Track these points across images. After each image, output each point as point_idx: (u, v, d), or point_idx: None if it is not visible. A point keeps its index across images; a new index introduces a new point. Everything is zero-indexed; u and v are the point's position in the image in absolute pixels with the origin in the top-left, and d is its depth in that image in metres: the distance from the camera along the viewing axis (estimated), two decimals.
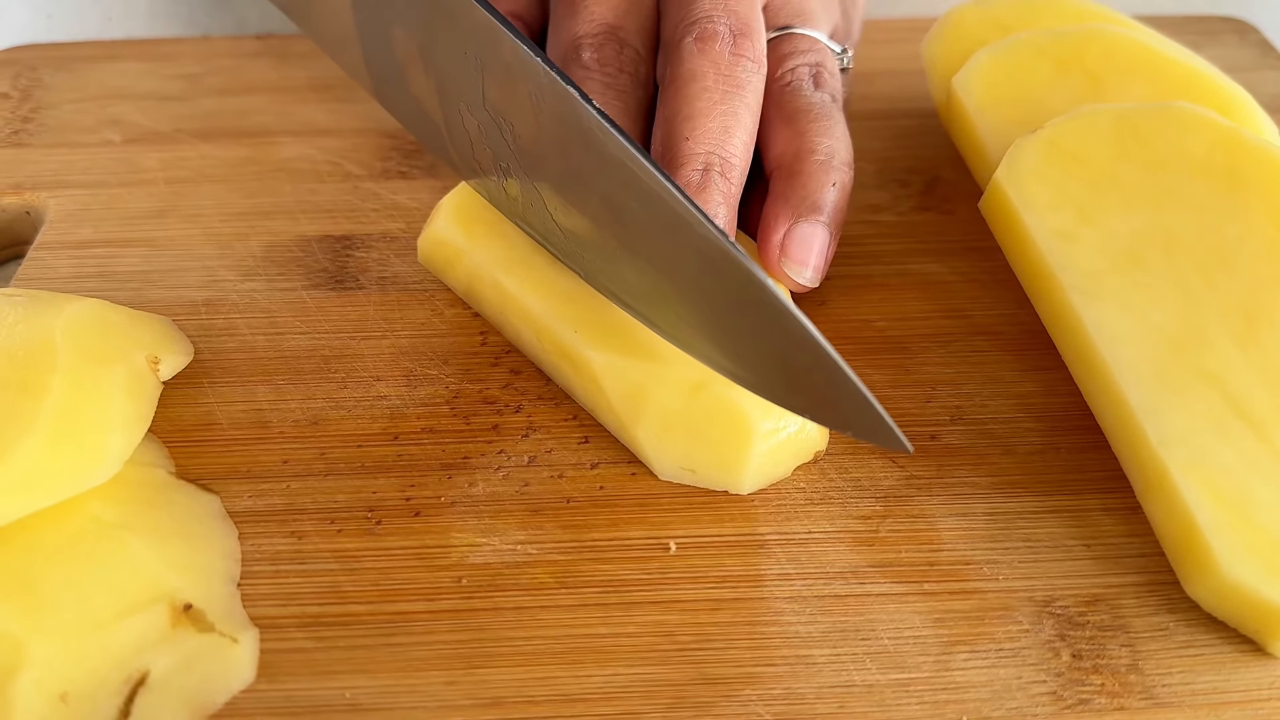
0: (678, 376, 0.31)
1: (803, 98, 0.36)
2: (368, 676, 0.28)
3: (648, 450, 0.32)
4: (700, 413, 0.31)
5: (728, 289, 0.28)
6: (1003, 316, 0.37)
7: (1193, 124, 0.35)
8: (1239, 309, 0.31)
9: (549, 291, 0.33)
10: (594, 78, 0.35)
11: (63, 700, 0.26)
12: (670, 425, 0.31)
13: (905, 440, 0.27)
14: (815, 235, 0.34)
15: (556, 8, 0.38)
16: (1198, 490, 0.29)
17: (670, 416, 0.31)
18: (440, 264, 0.37)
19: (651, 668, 0.28)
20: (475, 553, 0.30)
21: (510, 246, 0.35)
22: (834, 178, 0.34)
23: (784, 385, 0.29)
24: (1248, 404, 0.30)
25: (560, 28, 0.36)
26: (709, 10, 0.34)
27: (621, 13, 0.36)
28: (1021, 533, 0.31)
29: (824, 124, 0.35)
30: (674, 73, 0.34)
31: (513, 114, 0.31)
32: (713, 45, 0.33)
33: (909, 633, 0.28)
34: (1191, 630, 0.29)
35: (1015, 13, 0.42)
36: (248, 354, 0.35)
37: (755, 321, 0.28)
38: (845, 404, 0.28)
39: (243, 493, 0.32)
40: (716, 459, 0.31)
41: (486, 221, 0.35)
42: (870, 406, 0.27)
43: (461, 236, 0.35)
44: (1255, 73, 0.49)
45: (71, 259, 0.39)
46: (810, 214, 0.34)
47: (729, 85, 0.33)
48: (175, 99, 0.46)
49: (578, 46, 0.35)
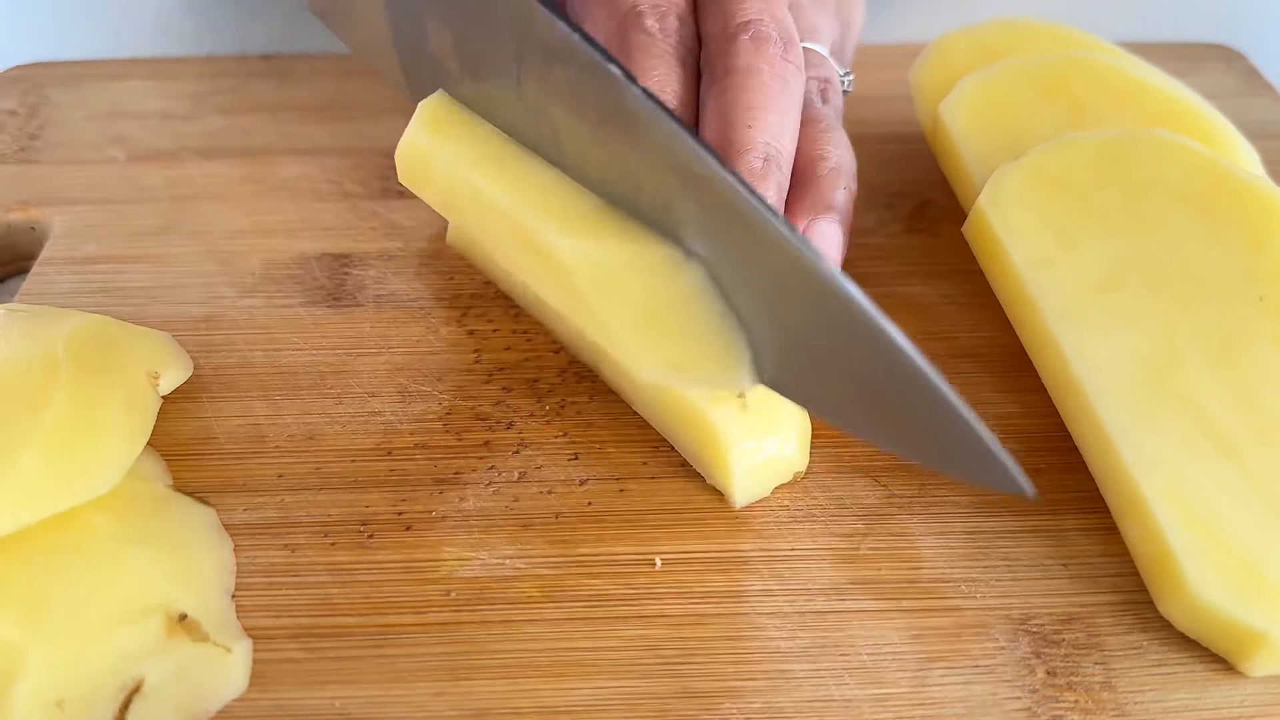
0: (656, 257, 0.29)
1: (814, 109, 0.36)
2: (357, 687, 0.28)
3: (629, 347, 0.29)
4: (680, 295, 0.29)
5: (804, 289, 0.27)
6: (986, 339, 0.38)
7: (1172, 152, 0.35)
8: (1215, 334, 0.32)
9: (520, 182, 0.32)
10: (658, 45, 0.34)
11: (59, 707, 0.27)
12: (649, 312, 0.29)
13: (1025, 482, 0.25)
14: (832, 232, 0.33)
15: None
16: (1171, 512, 0.29)
17: (650, 304, 0.29)
18: (418, 174, 0.34)
19: (635, 681, 0.28)
20: (464, 566, 0.31)
21: (482, 144, 0.33)
22: (844, 183, 0.34)
23: (868, 411, 0.27)
24: (1222, 427, 0.31)
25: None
26: (759, 13, 0.34)
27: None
28: (1000, 551, 0.31)
29: (833, 135, 0.35)
30: (731, 65, 0.33)
31: (551, 102, 0.30)
32: (767, 46, 0.33)
33: (887, 649, 0.29)
34: (1164, 649, 0.29)
35: (1003, 40, 0.43)
36: (246, 369, 0.36)
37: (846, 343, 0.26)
38: (946, 432, 0.26)
39: (238, 505, 0.32)
40: (702, 348, 0.29)
41: (460, 122, 0.33)
42: (982, 441, 0.25)
43: (433, 139, 0.33)
44: (1240, 99, 0.50)
45: (75, 274, 0.40)
46: (826, 213, 0.33)
47: (783, 85, 0.33)
48: (180, 117, 0.47)
49: (640, 14, 0.34)
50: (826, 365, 0.28)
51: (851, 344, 0.26)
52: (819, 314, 0.27)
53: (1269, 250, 0.33)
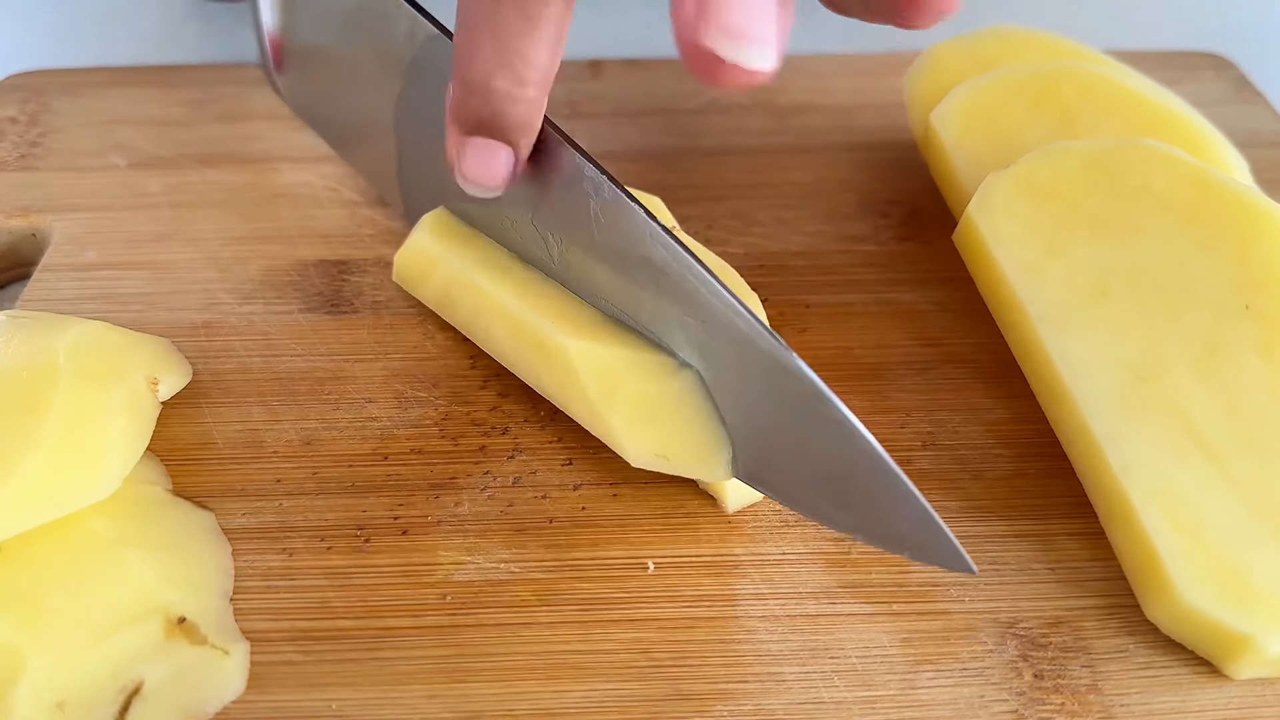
0: (652, 362, 0.31)
1: None
2: (353, 689, 0.29)
3: (622, 437, 0.32)
4: (673, 397, 0.31)
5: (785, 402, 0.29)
6: (976, 345, 0.38)
7: (1160, 161, 0.36)
8: (1201, 341, 0.32)
9: (524, 288, 0.34)
10: None
11: (60, 709, 0.27)
12: (643, 410, 0.31)
13: (970, 561, 0.27)
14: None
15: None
16: (1157, 516, 0.30)
17: (643, 403, 0.31)
18: (415, 277, 0.37)
19: (628, 684, 0.29)
20: (460, 570, 0.31)
21: (486, 250, 0.36)
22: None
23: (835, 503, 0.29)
24: (1207, 433, 0.31)
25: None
26: None
27: None
28: (989, 556, 0.32)
29: None
30: None
31: (563, 233, 0.33)
32: None
33: (877, 652, 0.29)
34: (1151, 652, 0.30)
35: (995, 49, 0.43)
36: (244, 375, 0.37)
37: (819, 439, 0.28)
38: (904, 522, 0.28)
39: (237, 510, 0.33)
40: (690, 445, 0.31)
41: (462, 234, 0.36)
42: (934, 524, 0.27)
43: (438, 246, 0.36)
44: (1231, 107, 0.50)
45: (75, 281, 0.40)
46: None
47: None
48: (179, 125, 0.48)
49: None
50: (797, 457, 0.30)
51: (820, 435, 0.29)
52: (793, 410, 0.29)
53: (1256, 259, 0.33)
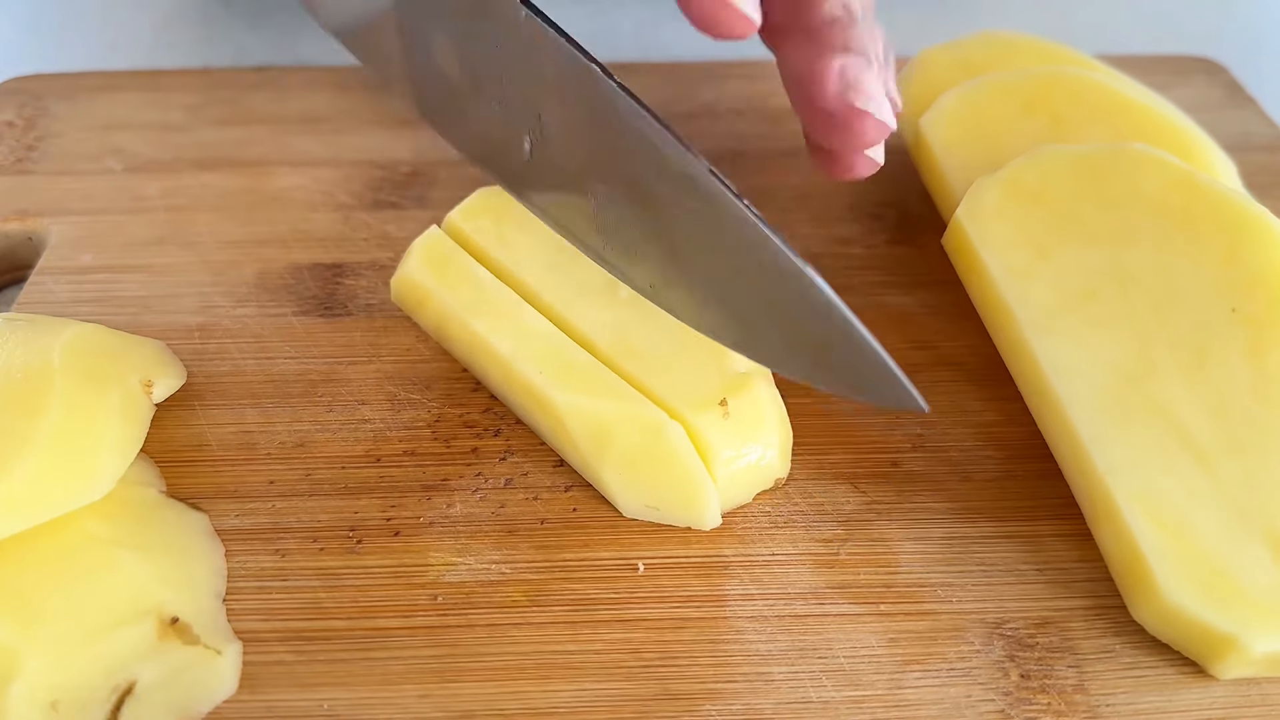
0: (641, 417, 0.32)
1: None
2: (345, 689, 0.29)
3: (612, 489, 0.32)
4: (662, 452, 0.32)
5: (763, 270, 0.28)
6: (967, 348, 0.38)
7: (1148, 165, 0.36)
8: (1189, 344, 0.33)
9: (517, 333, 0.35)
10: None
11: (53, 708, 0.27)
12: (633, 464, 0.32)
13: (920, 399, 0.28)
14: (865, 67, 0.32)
15: None
16: (1142, 518, 0.30)
17: (633, 456, 0.32)
18: (412, 304, 0.38)
19: (617, 683, 0.29)
20: (451, 571, 0.31)
21: (479, 289, 0.36)
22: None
23: (811, 361, 0.29)
24: (1194, 435, 0.31)
25: None
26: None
27: None
28: (977, 557, 0.32)
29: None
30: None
31: (542, 104, 0.31)
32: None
33: (864, 652, 0.30)
34: (1136, 652, 0.30)
35: (984, 54, 0.43)
36: (238, 378, 0.37)
37: (789, 306, 0.28)
38: (867, 371, 0.28)
39: (230, 511, 0.33)
40: (679, 497, 0.32)
41: (456, 265, 0.37)
42: (889, 371, 0.28)
43: (431, 279, 0.36)
44: (1222, 112, 0.51)
45: (71, 284, 0.40)
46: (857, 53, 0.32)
47: None
48: (176, 129, 0.48)
49: None
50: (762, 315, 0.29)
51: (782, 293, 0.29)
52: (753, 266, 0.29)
53: (1242, 262, 0.34)
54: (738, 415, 0.32)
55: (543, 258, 0.36)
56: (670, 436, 0.32)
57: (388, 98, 0.42)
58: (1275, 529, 0.30)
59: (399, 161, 0.46)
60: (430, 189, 0.45)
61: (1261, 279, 0.33)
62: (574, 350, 0.34)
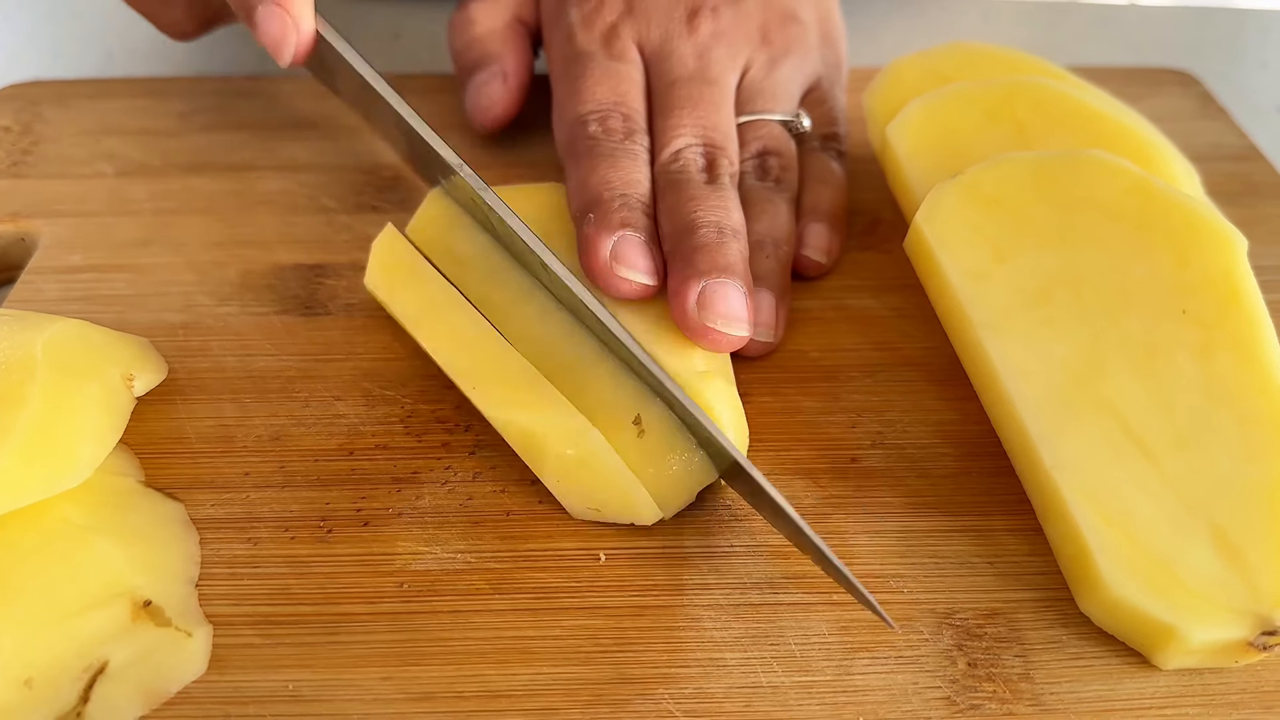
0: (568, 426, 0.33)
1: (748, 188, 0.41)
2: (310, 671, 0.30)
3: (556, 492, 0.33)
4: (590, 460, 0.33)
5: None
6: (929, 349, 0.39)
7: (1106, 171, 0.37)
8: (1139, 344, 0.34)
9: (455, 343, 0.36)
10: (601, 146, 0.39)
11: (27, 685, 0.28)
12: (568, 472, 0.33)
13: (889, 619, 0.30)
14: (763, 302, 0.38)
15: (557, 90, 0.43)
16: (1088, 512, 0.31)
17: (566, 464, 0.33)
18: (381, 302, 0.39)
19: (574, 667, 0.30)
20: (417, 560, 0.32)
21: (424, 297, 0.37)
22: (768, 251, 0.40)
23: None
24: (1141, 432, 0.32)
25: (563, 108, 0.42)
26: (688, 136, 0.40)
27: (620, 93, 0.41)
28: (930, 550, 0.33)
29: (763, 208, 0.41)
30: (668, 183, 0.39)
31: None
32: (690, 172, 0.39)
33: (815, 639, 0.31)
34: (1082, 643, 0.31)
35: (953, 64, 0.44)
36: (218, 374, 0.38)
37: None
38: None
39: (206, 501, 0.34)
40: (614, 500, 0.33)
41: (405, 266, 0.38)
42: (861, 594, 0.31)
43: (383, 287, 0.38)
44: (1193, 122, 0.52)
45: (60, 283, 0.42)
46: (759, 282, 0.38)
47: (716, 189, 0.39)
48: (166, 135, 0.49)
49: (584, 121, 0.40)
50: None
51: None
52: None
53: (1194, 265, 0.34)
54: (652, 431, 0.33)
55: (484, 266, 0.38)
56: (593, 444, 0.33)
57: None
58: (1217, 524, 0.30)
59: (382, 166, 0.47)
60: (411, 193, 0.46)
61: (1212, 282, 0.34)
62: (507, 358, 0.35)
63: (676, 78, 0.42)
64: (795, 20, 0.45)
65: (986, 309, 0.35)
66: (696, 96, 0.41)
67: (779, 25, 0.45)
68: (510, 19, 0.46)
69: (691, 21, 0.43)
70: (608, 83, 0.41)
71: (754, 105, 0.43)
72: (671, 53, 0.43)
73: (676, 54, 0.42)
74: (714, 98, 0.42)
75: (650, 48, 0.43)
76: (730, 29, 0.43)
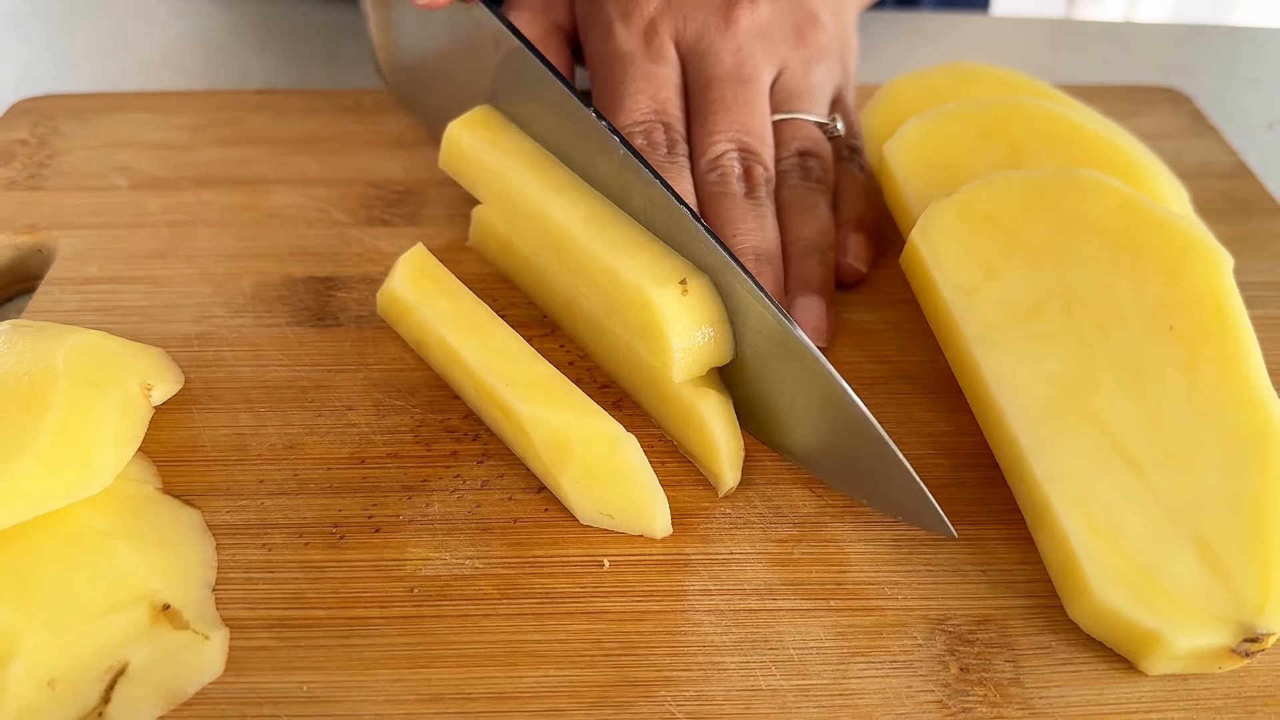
0: (599, 430, 0.34)
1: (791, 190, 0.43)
2: (324, 673, 0.31)
3: (570, 496, 0.34)
4: (618, 464, 0.34)
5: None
6: (923, 363, 0.40)
7: (1096, 190, 0.38)
8: (1127, 359, 0.35)
9: (486, 347, 0.37)
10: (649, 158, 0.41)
11: (50, 686, 0.29)
12: (591, 474, 0.34)
13: (949, 525, 0.33)
14: (812, 305, 0.41)
15: (598, 97, 0.45)
16: (1077, 521, 0.32)
17: (591, 466, 0.34)
18: (394, 316, 0.40)
19: (579, 670, 0.31)
20: (427, 566, 0.33)
21: (456, 303, 0.38)
22: (815, 259, 0.41)
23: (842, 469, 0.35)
24: (1129, 445, 0.33)
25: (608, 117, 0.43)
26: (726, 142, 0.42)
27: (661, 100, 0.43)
28: (923, 558, 0.34)
29: (806, 215, 0.42)
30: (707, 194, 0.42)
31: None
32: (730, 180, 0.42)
33: (813, 644, 0.32)
34: (1071, 649, 0.32)
35: (949, 84, 0.45)
36: (233, 383, 0.39)
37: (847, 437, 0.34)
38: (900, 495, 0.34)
39: (221, 508, 0.35)
40: (632, 506, 0.34)
41: (437, 279, 0.39)
42: (923, 497, 0.33)
43: (413, 293, 0.39)
44: (1184, 140, 0.53)
45: (78, 294, 0.43)
46: (804, 290, 0.41)
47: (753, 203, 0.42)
48: (180, 148, 0.50)
49: (630, 135, 0.42)
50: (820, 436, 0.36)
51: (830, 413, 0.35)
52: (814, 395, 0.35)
53: (1182, 282, 0.36)
54: (695, 292, 0.36)
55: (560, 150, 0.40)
56: (626, 448, 0.34)
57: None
58: (1201, 534, 0.31)
59: (392, 181, 0.48)
60: (421, 207, 0.47)
61: (1199, 299, 0.35)
62: (540, 365, 0.36)
63: (713, 76, 0.43)
64: (822, 25, 0.46)
65: (979, 324, 0.36)
66: (731, 98, 0.43)
67: (810, 27, 0.46)
68: (549, 26, 0.47)
69: (729, 14, 0.44)
70: (648, 90, 0.43)
71: (791, 105, 0.44)
72: (708, 49, 0.44)
73: (713, 50, 0.44)
74: (749, 98, 0.43)
75: (687, 43, 0.44)
76: (767, 26, 0.45)
